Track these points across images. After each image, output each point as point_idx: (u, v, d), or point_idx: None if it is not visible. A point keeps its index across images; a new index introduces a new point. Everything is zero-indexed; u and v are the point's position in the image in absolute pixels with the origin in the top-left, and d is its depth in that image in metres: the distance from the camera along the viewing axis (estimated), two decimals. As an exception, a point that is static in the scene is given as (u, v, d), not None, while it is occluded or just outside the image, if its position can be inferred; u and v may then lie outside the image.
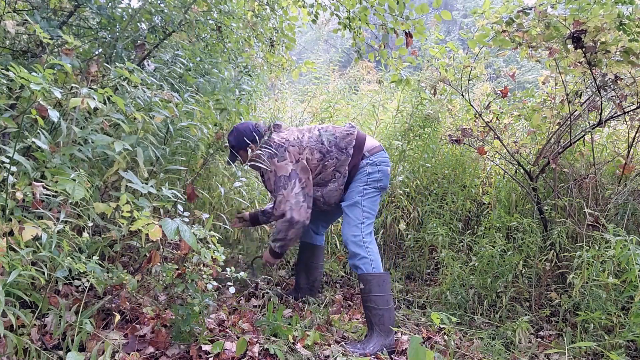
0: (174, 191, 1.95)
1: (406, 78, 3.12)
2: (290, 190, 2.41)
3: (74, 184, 1.62)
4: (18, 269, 1.45)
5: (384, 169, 2.47)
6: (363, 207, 2.41)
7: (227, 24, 3.06)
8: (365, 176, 2.44)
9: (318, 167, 2.48)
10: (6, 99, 1.80)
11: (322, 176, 2.49)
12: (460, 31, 3.60)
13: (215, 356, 1.93)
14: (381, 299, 2.28)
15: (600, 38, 2.63)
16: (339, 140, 2.47)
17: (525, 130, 3.89)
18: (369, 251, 2.35)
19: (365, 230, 2.39)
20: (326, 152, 2.46)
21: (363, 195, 2.42)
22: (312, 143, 2.47)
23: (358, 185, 2.44)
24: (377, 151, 2.50)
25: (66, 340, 1.75)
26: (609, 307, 2.38)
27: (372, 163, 2.45)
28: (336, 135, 2.49)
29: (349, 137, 2.47)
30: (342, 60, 5.54)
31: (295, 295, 2.84)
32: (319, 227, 2.88)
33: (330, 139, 2.48)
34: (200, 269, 1.99)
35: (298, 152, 2.46)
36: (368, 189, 2.44)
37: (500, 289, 2.83)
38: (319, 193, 2.53)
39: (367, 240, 2.37)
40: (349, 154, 2.45)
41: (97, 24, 2.70)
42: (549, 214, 3.27)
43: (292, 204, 2.41)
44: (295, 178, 2.43)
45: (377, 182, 2.45)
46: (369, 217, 2.42)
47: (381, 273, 2.33)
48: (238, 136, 2.55)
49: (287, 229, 2.44)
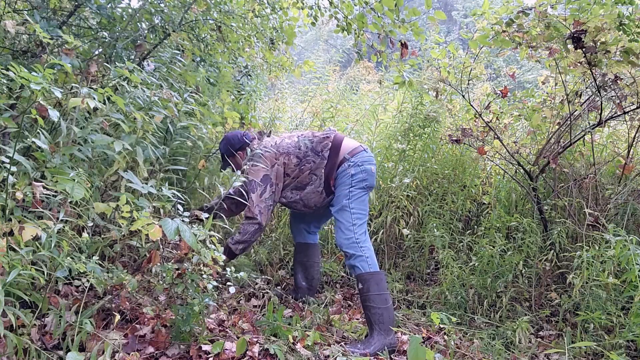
0: (173, 191, 1.95)
1: (409, 80, 3.12)
2: (259, 195, 2.48)
3: (73, 183, 1.62)
4: (18, 268, 1.45)
5: (368, 167, 2.48)
6: (352, 209, 2.43)
7: (227, 24, 3.06)
8: (349, 178, 2.46)
9: (295, 170, 2.54)
10: (6, 98, 1.80)
11: (299, 179, 2.55)
12: (460, 31, 3.60)
13: (215, 356, 1.93)
14: (379, 297, 2.29)
15: (600, 38, 2.63)
16: (315, 144, 2.53)
17: (525, 130, 3.89)
18: (363, 249, 2.37)
19: (358, 230, 2.41)
20: (303, 156, 2.53)
21: (350, 198, 2.44)
22: (290, 148, 2.55)
23: (343, 188, 2.47)
24: (358, 152, 2.52)
25: (66, 340, 1.75)
26: (609, 307, 2.38)
27: (353, 164, 2.47)
28: (313, 140, 2.56)
29: (325, 140, 2.53)
30: (342, 61, 5.54)
31: (295, 295, 2.84)
32: (311, 226, 2.91)
33: (307, 144, 2.54)
34: (201, 269, 1.99)
35: (274, 157, 2.53)
36: (354, 191, 2.45)
37: (500, 289, 2.83)
38: (297, 196, 2.58)
39: (360, 240, 2.39)
40: (324, 157, 2.50)
41: (97, 24, 2.70)
42: (549, 214, 3.27)
43: (262, 208, 2.49)
44: (267, 183, 2.50)
45: (362, 182, 2.47)
46: (360, 217, 2.44)
47: (378, 272, 2.35)
48: (226, 144, 2.67)
49: (254, 233, 2.50)
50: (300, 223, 2.91)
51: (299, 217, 2.91)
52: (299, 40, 4.46)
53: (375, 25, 3.05)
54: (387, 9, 2.93)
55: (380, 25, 3.05)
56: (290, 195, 2.60)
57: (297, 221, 2.93)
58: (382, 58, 3.28)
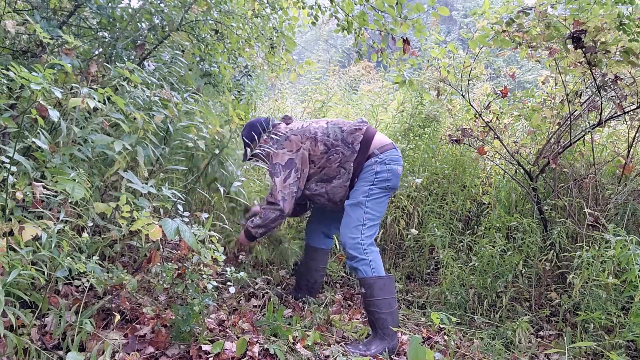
0: (173, 191, 1.95)
1: (409, 79, 3.12)
2: (282, 180, 2.33)
3: (73, 183, 1.62)
4: (18, 268, 1.45)
5: (394, 167, 2.34)
6: (366, 208, 2.30)
7: (227, 24, 3.06)
8: (373, 175, 2.31)
9: (322, 160, 2.37)
10: (6, 98, 1.80)
11: (326, 171, 2.40)
12: (460, 31, 3.60)
13: (215, 356, 1.93)
14: (384, 302, 2.23)
15: (600, 38, 2.64)
16: (346, 134, 2.36)
17: (525, 130, 3.89)
18: (367, 253, 2.27)
19: (366, 232, 2.29)
20: (331, 145, 2.36)
21: (368, 196, 2.31)
22: (318, 134, 2.38)
23: (364, 184, 2.33)
24: (388, 149, 2.36)
25: (66, 340, 1.75)
26: (609, 307, 2.38)
27: (380, 161, 2.32)
28: (344, 129, 2.39)
29: (357, 132, 2.36)
30: (342, 60, 5.54)
31: (295, 295, 2.84)
32: (331, 228, 2.75)
33: (337, 132, 2.37)
34: (201, 269, 1.99)
35: (300, 140, 2.37)
36: (374, 190, 2.31)
37: (500, 289, 2.83)
38: (323, 189, 2.43)
39: (366, 242, 2.29)
40: (354, 149, 2.33)
41: (97, 24, 2.70)
42: (549, 214, 3.27)
43: (285, 194, 2.34)
44: (292, 168, 2.35)
45: (385, 182, 2.32)
46: (372, 219, 2.31)
47: (383, 276, 2.26)
48: (249, 130, 2.50)
49: (275, 219, 2.37)
50: (320, 224, 2.75)
51: (319, 218, 2.77)
52: (299, 40, 4.46)
53: (377, 23, 3.03)
54: (388, 6, 2.92)
55: (382, 23, 3.04)
56: (315, 188, 2.44)
57: (316, 222, 2.78)
58: (383, 57, 3.28)
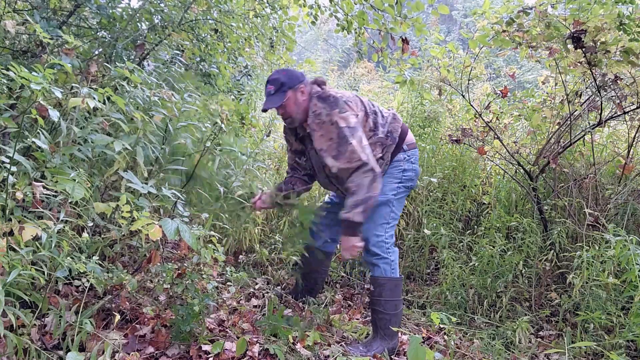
0: (173, 191, 1.95)
1: (410, 79, 3.12)
2: (359, 141, 2.04)
3: (73, 183, 1.62)
4: (18, 268, 1.45)
5: (417, 168, 2.30)
6: (393, 207, 2.21)
7: (227, 24, 3.06)
8: (400, 173, 2.23)
9: (369, 137, 2.15)
10: (6, 98, 1.80)
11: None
12: (460, 30, 3.60)
13: (215, 356, 1.93)
14: (390, 303, 2.22)
15: (600, 38, 2.64)
16: (387, 121, 2.21)
17: (525, 130, 3.89)
18: (389, 253, 2.23)
19: (389, 231, 2.24)
20: (374, 127, 2.16)
21: (396, 194, 2.22)
22: (368, 109, 2.18)
23: (392, 181, 2.22)
24: (414, 147, 2.30)
25: (66, 340, 1.75)
26: (609, 307, 2.38)
27: (409, 159, 2.24)
28: (384, 114, 2.22)
29: (396, 123, 2.22)
30: (342, 60, 5.54)
31: (295, 295, 2.83)
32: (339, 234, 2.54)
33: (385, 115, 2.21)
34: (201, 269, 1.99)
35: (355, 107, 2.15)
36: (401, 188, 2.24)
37: (500, 289, 2.83)
38: None
39: (389, 242, 2.23)
40: (394, 139, 2.19)
41: (97, 24, 2.70)
42: (549, 214, 3.27)
43: (367, 153, 2.04)
44: (360, 131, 2.08)
45: (410, 181, 2.26)
46: (395, 218, 2.26)
47: (396, 278, 2.24)
48: (290, 74, 2.18)
49: (370, 183, 2.01)
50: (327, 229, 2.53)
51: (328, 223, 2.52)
52: (299, 40, 4.46)
53: (377, 22, 3.03)
54: (388, 5, 2.92)
55: (382, 23, 3.04)
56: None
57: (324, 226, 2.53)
58: (383, 57, 3.28)
